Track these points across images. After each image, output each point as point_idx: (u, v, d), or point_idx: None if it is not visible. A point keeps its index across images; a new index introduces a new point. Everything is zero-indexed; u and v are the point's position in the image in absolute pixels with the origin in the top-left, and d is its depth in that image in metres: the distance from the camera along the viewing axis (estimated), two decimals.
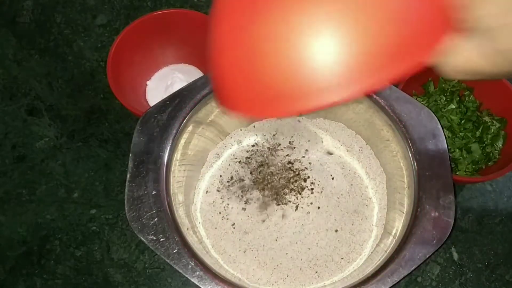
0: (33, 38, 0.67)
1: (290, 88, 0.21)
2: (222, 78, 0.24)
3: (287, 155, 0.55)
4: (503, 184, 0.59)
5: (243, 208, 0.52)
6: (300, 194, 0.52)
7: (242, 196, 0.53)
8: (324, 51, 0.21)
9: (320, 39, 0.20)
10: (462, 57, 0.22)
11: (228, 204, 0.52)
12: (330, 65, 0.20)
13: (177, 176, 0.47)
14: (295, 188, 0.53)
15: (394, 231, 0.47)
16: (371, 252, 0.49)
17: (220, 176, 0.54)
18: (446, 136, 0.55)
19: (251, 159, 0.55)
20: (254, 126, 0.57)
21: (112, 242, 0.55)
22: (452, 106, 0.57)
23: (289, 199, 0.52)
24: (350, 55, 0.20)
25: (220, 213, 0.52)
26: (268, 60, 0.21)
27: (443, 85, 0.59)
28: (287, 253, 0.50)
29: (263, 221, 0.51)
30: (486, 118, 0.57)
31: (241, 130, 0.57)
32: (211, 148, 0.55)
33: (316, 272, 0.49)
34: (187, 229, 0.46)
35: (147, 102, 0.61)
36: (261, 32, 0.21)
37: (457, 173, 0.55)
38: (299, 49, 0.21)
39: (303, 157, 0.55)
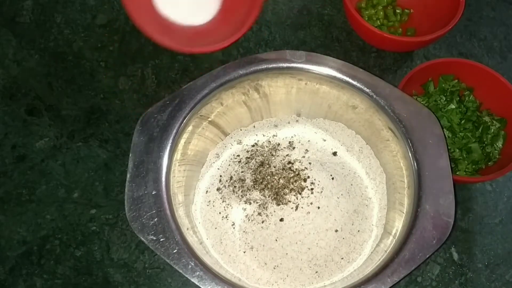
0: (33, 38, 0.67)
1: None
2: None
3: (287, 155, 0.55)
4: (503, 184, 0.59)
5: (243, 208, 0.52)
6: (300, 194, 0.52)
7: (242, 196, 0.53)
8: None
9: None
10: None
11: (228, 204, 0.52)
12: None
13: (177, 176, 0.47)
14: (295, 188, 0.53)
15: (394, 231, 0.47)
16: (371, 252, 0.49)
17: (220, 176, 0.54)
18: (446, 136, 0.55)
19: (251, 159, 0.55)
20: (254, 126, 0.57)
21: (112, 242, 0.55)
22: (452, 106, 0.57)
23: (289, 199, 0.52)
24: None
25: (220, 213, 0.52)
26: None
27: (443, 85, 0.59)
28: (287, 253, 0.50)
29: (263, 221, 0.51)
30: (486, 118, 0.57)
31: (241, 130, 0.57)
32: (211, 148, 0.55)
33: (316, 272, 0.49)
34: (187, 229, 0.46)
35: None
36: None
37: (457, 173, 0.55)
38: None
39: (303, 157, 0.55)
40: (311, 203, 0.52)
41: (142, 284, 0.53)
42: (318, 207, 0.52)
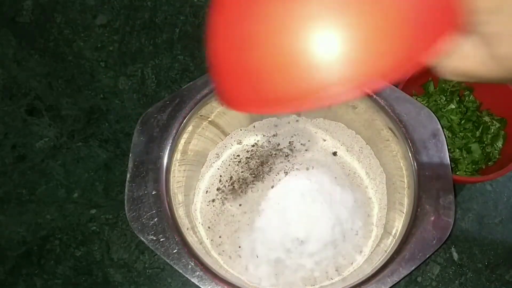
0: (33, 38, 0.67)
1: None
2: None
3: (287, 155, 0.55)
4: (503, 184, 0.59)
5: (243, 208, 0.52)
6: None
7: (242, 196, 0.53)
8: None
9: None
10: (459, 59, 0.22)
11: (228, 204, 0.52)
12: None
13: (177, 176, 0.47)
14: None
15: (394, 231, 0.47)
16: (371, 252, 0.49)
17: (220, 176, 0.54)
18: (446, 136, 0.55)
19: (251, 159, 0.55)
20: (254, 126, 0.57)
21: (112, 242, 0.55)
22: (452, 106, 0.57)
23: None
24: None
25: (220, 213, 0.52)
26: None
27: (443, 85, 0.59)
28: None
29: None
30: (486, 118, 0.57)
31: (241, 130, 0.57)
32: (211, 148, 0.55)
33: (316, 272, 0.49)
34: (187, 229, 0.46)
35: None
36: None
37: (457, 173, 0.55)
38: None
39: (303, 157, 0.55)
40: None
41: (142, 284, 0.53)
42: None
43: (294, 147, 0.56)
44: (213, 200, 0.53)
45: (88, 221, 0.56)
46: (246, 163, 0.55)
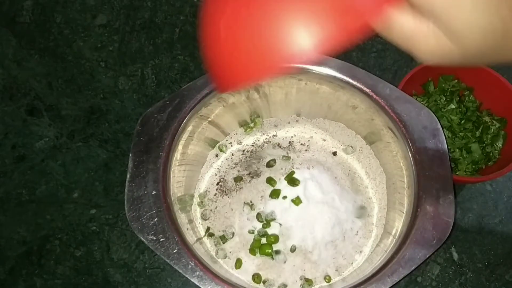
0: (33, 38, 0.67)
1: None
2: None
3: (287, 155, 0.55)
4: (503, 184, 0.59)
5: (242, 208, 0.52)
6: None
7: (241, 196, 0.52)
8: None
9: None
10: (425, 41, 0.23)
11: (228, 204, 0.52)
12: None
13: (177, 176, 0.47)
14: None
15: (394, 231, 0.47)
16: (371, 252, 0.49)
17: (220, 176, 0.54)
18: (446, 136, 0.55)
19: (251, 159, 0.55)
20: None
21: (112, 242, 0.55)
22: (452, 106, 0.57)
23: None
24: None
25: (220, 213, 0.52)
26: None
27: (443, 85, 0.59)
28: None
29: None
30: (486, 118, 0.57)
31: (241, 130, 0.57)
32: (211, 148, 0.55)
33: (316, 272, 0.49)
34: (187, 229, 0.46)
35: None
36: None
37: (457, 173, 0.55)
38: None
39: (303, 157, 0.55)
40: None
41: (142, 284, 0.53)
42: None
43: (294, 147, 0.56)
44: (213, 200, 0.53)
45: (88, 221, 0.56)
46: (246, 163, 0.55)
